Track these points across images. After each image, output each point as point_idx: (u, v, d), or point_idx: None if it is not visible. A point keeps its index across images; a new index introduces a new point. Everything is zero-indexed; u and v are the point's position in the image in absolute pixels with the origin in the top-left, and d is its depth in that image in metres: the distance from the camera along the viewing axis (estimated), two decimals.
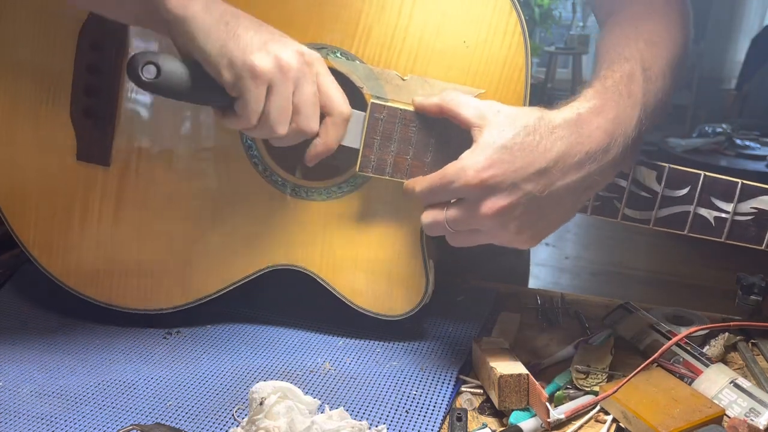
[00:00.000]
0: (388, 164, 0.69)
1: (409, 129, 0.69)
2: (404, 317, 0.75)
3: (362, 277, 0.75)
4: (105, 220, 0.77)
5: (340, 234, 0.74)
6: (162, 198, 0.77)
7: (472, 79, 0.71)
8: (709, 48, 5.07)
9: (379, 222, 0.74)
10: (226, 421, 0.63)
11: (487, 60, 0.70)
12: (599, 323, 0.79)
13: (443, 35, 0.70)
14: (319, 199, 0.74)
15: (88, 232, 0.78)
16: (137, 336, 0.77)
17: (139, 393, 0.67)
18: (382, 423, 0.63)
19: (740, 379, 0.66)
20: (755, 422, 0.61)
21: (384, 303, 0.75)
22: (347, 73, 0.71)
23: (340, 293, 0.75)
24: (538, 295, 0.87)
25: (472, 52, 0.70)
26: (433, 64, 0.70)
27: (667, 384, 0.65)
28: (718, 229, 0.69)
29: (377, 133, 0.69)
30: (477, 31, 0.70)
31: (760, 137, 3.91)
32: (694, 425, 0.60)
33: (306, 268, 0.75)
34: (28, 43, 0.76)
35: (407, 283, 0.74)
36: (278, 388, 0.58)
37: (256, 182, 0.75)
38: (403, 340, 0.77)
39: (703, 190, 0.70)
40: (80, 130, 0.77)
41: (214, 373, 0.70)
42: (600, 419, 0.64)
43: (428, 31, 0.70)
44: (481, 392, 0.68)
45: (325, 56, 0.71)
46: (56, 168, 0.77)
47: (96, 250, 0.78)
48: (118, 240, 0.77)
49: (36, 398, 0.66)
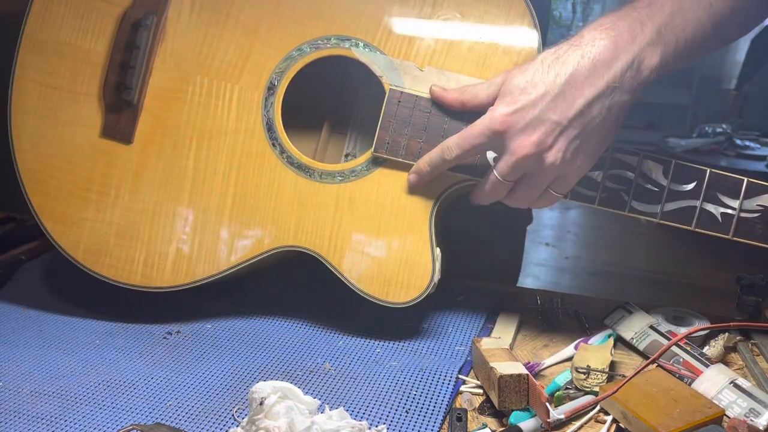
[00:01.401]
0: (401, 146, 0.74)
1: (423, 114, 0.74)
2: (408, 305, 0.74)
3: (369, 263, 0.75)
4: (122, 196, 0.80)
5: (349, 218, 0.75)
6: (179, 177, 0.79)
7: (486, 71, 0.74)
8: None
9: (389, 209, 0.75)
10: (226, 421, 0.63)
11: (502, 52, 0.74)
12: (599, 323, 0.79)
13: (460, 32, 0.76)
14: (333, 183, 0.76)
15: (103, 206, 0.80)
16: (137, 336, 0.77)
17: (139, 393, 0.67)
18: (382, 423, 0.63)
19: (740, 379, 0.66)
20: (755, 423, 0.61)
21: (389, 290, 0.75)
22: (368, 63, 0.76)
23: (345, 278, 0.76)
24: (538, 295, 0.87)
25: (487, 46, 0.75)
26: (450, 57, 0.75)
27: (667, 384, 0.65)
28: (725, 225, 0.69)
29: (393, 116, 0.74)
30: (492, 28, 0.75)
31: (760, 137, 3.91)
32: (694, 425, 0.60)
33: (313, 250, 0.76)
34: (71, 23, 0.82)
35: (413, 271, 0.74)
36: (278, 388, 0.58)
37: (271, 162, 0.77)
38: (403, 340, 0.77)
39: (709, 186, 0.70)
40: (109, 105, 0.80)
41: (214, 373, 0.70)
42: (600, 419, 0.64)
43: (446, 29, 0.76)
44: (481, 392, 0.68)
45: (348, 47, 0.77)
46: (81, 142, 0.80)
47: (108, 226, 0.80)
48: (131, 217, 0.79)
49: (36, 398, 0.66)
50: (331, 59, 0.78)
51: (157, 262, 0.79)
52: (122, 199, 0.80)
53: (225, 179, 0.78)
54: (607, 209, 0.72)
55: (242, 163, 0.78)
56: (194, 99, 0.80)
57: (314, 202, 0.77)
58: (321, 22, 0.77)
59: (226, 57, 0.79)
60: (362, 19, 0.77)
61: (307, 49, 0.78)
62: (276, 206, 0.77)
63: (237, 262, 0.78)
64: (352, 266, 0.76)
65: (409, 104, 0.74)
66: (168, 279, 0.79)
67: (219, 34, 0.80)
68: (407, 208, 0.75)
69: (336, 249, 0.76)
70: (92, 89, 0.81)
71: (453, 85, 0.74)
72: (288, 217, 0.77)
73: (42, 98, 0.81)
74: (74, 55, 0.82)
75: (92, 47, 0.82)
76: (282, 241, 0.77)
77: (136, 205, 0.80)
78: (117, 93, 0.80)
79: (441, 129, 0.74)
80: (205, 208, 0.79)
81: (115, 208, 0.80)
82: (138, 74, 0.80)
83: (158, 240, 0.79)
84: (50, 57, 0.82)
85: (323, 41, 0.78)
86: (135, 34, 0.81)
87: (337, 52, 0.77)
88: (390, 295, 0.75)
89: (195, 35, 0.80)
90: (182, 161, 0.79)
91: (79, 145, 0.80)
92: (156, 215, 0.79)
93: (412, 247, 0.74)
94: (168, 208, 0.79)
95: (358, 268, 0.75)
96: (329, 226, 0.76)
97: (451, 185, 0.74)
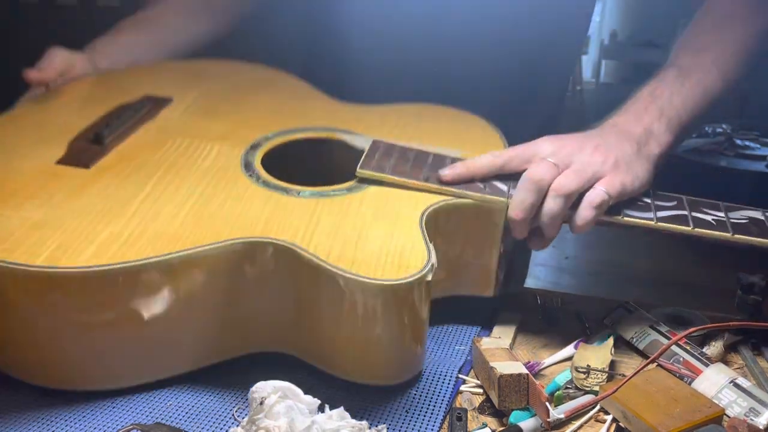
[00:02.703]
0: (387, 167, 0.75)
1: (407, 152, 0.78)
2: (404, 282, 0.62)
3: (351, 247, 0.64)
4: (52, 200, 0.68)
5: (329, 217, 0.68)
6: (131, 190, 0.71)
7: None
8: None
9: (377, 212, 0.70)
10: (226, 421, 0.63)
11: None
12: (599, 323, 0.79)
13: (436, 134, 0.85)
14: (311, 198, 0.71)
15: (27, 206, 0.67)
16: None
17: (140, 393, 0.67)
18: (382, 423, 0.63)
19: (740, 378, 0.66)
20: (755, 422, 0.61)
21: (379, 272, 0.62)
22: (350, 140, 0.82)
23: (324, 260, 0.62)
24: (538, 295, 0.87)
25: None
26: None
27: (667, 384, 0.65)
28: (721, 227, 0.70)
29: (377, 149, 0.78)
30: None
31: (760, 137, 3.91)
32: (694, 425, 0.60)
33: (284, 239, 0.64)
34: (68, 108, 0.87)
35: (406, 256, 0.64)
36: (278, 388, 0.58)
37: (244, 182, 0.73)
38: None
39: (690, 205, 0.73)
40: (75, 146, 0.78)
41: (215, 373, 0.70)
42: (600, 419, 0.64)
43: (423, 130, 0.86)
44: (481, 392, 0.68)
45: (333, 133, 0.84)
46: (31, 166, 0.74)
47: (23, 220, 0.65)
48: (55, 214, 0.67)
49: (36, 397, 0.65)
50: (320, 140, 0.85)
51: (75, 246, 0.62)
52: (52, 201, 0.68)
53: (186, 193, 0.70)
54: (601, 217, 0.71)
55: (210, 183, 0.72)
56: (171, 148, 0.79)
57: (289, 207, 0.69)
58: (311, 120, 0.86)
59: (211, 131, 0.82)
60: (349, 116, 0.88)
61: (297, 130, 0.84)
62: (242, 212, 0.68)
63: (183, 247, 0.62)
64: (330, 250, 0.63)
65: (392, 148, 0.78)
66: (83, 261, 0.61)
67: (207, 125, 0.84)
68: (397, 211, 0.70)
69: (312, 239, 0.64)
70: (62, 141, 0.79)
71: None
72: (256, 217, 0.67)
73: (8, 134, 0.81)
74: (57, 123, 0.84)
75: (77, 122, 0.83)
76: (246, 233, 0.64)
77: (67, 205, 0.68)
78: (87, 140, 0.79)
79: (427, 156, 0.77)
80: (155, 214, 0.67)
81: (40, 208, 0.67)
82: (115, 131, 0.80)
83: (86, 229, 0.64)
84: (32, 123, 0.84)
85: (314, 129, 0.85)
86: (122, 110, 0.85)
87: (325, 135, 0.84)
88: (382, 274, 0.62)
89: (185, 120, 0.85)
90: (141, 181, 0.72)
91: (26, 168, 0.74)
92: (90, 212, 0.67)
93: (402, 240, 0.66)
94: (111, 207, 0.68)
95: (337, 251, 0.63)
96: (304, 225, 0.66)
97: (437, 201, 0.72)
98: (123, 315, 0.62)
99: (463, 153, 0.79)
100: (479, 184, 0.73)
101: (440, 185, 0.73)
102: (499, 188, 0.73)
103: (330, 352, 0.66)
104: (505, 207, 0.71)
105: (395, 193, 0.73)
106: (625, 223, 0.71)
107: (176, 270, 0.62)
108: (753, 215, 0.71)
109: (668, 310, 0.81)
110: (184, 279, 0.63)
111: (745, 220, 0.71)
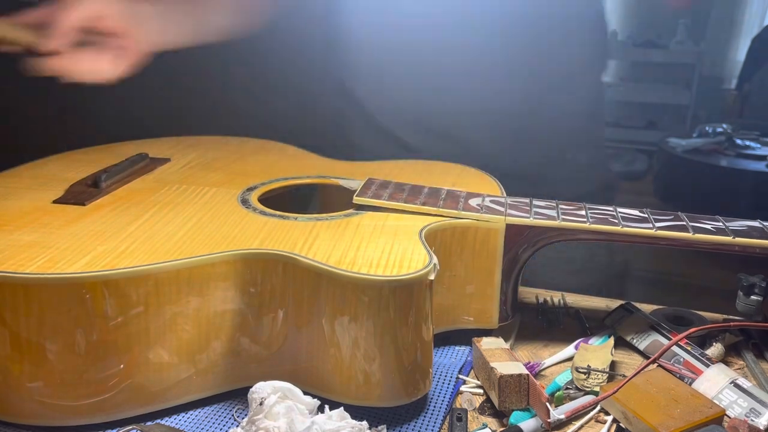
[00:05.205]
0: (384, 195, 0.77)
1: (403, 185, 0.80)
2: (406, 277, 0.61)
3: (352, 252, 0.65)
4: (44, 228, 0.69)
5: (327, 231, 0.69)
6: (124, 221, 0.71)
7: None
8: (709, 48, 5.06)
9: (375, 229, 0.71)
10: (226, 421, 0.63)
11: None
12: (599, 323, 0.79)
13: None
14: (309, 221, 0.72)
15: (17, 233, 0.67)
16: None
17: None
18: (382, 423, 0.63)
19: (741, 379, 0.66)
20: (756, 422, 0.61)
21: (379, 271, 0.61)
22: (344, 183, 0.85)
23: (320, 262, 0.62)
24: (538, 295, 0.87)
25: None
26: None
27: (668, 384, 0.65)
28: (721, 233, 0.70)
29: (373, 182, 0.81)
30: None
31: (760, 137, 3.91)
32: (695, 425, 0.60)
33: (282, 250, 0.64)
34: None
35: (406, 258, 0.64)
36: (278, 388, 0.58)
37: (240, 211, 0.75)
38: None
39: (688, 218, 0.73)
40: (72, 191, 0.80)
41: None
42: (600, 419, 0.64)
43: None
44: (481, 392, 0.68)
45: (327, 179, 0.87)
46: (29, 207, 0.75)
47: (13, 240, 0.65)
48: (47, 234, 0.67)
49: None
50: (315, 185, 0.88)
51: (68, 258, 0.61)
52: (45, 228, 0.68)
53: (184, 219, 0.72)
54: (600, 226, 0.71)
55: (208, 212, 0.74)
56: (170, 191, 0.81)
57: (287, 227, 0.69)
58: (301, 171, 0.90)
59: (208, 179, 0.85)
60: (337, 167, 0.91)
61: (292, 177, 0.87)
62: (240, 232, 0.68)
63: (180, 257, 0.62)
64: (330, 256, 0.63)
65: (386, 182, 0.81)
66: (76, 269, 0.59)
67: (204, 174, 0.88)
68: (395, 229, 0.70)
69: (310, 249, 0.64)
70: (60, 188, 0.81)
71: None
72: (254, 235, 0.68)
73: (6, 183, 0.82)
74: (56, 176, 0.85)
75: (75, 177, 0.84)
76: (243, 245, 0.65)
77: (61, 231, 0.68)
78: (84, 185, 0.81)
79: (422, 188, 0.79)
80: (152, 234, 0.67)
81: (33, 233, 0.67)
82: (113, 177, 0.82)
83: (80, 246, 0.64)
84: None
85: (308, 177, 0.88)
86: (120, 163, 0.87)
87: (320, 180, 0.87)
88: (383, 273, 0.61)
89: (183, 172, 0.88)
90: (138, 213, 0.73)
91: (22, 205, 0.75)
92: (85, 235, 0.67)
93: (402, 248, 0.66)
94: (106, 230, 0.68)
95: (337, 256, 0.63)
96: (303, 239, 0.67)
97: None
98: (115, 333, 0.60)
99: (460, 189, 0.81)
100: (476, 206, 0.74)
101: (438, 208, 0.73)
102: (495, 209, 0.73)
103: (334, 377, 0.63)
104: (503, 225, 0.72)
105: (393, 215, 0.74)
106: (624, 233, 0.71)
107: (164, 282, 0.61)
108: (751, 224, 0.72)
109: (668, 310, 0.81)
110: (177, 293, 0.62)
111: (745, 228, 0.71)
